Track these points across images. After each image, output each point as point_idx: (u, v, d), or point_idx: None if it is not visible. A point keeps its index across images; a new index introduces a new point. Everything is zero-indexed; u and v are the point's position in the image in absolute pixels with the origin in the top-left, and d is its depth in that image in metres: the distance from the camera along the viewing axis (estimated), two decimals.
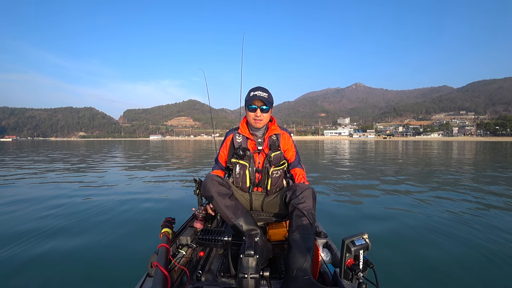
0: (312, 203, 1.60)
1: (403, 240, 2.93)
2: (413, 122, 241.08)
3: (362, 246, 1.24)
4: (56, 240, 2.93)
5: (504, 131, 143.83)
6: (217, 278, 1.51)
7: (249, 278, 1.22)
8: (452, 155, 16.50)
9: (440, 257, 2.53)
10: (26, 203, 4.55)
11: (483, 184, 6.35)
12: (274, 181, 1.91)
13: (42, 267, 2.37)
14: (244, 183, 1.91)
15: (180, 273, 1.46)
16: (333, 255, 1.68)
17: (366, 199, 4.90)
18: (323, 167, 10.14)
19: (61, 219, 3.68)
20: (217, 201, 1.63)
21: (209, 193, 1.64)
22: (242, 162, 1.89)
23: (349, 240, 1.24)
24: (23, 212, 3.99)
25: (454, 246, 2.76)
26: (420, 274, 2.25)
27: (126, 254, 2.65)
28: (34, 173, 8.36)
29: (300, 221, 1.52)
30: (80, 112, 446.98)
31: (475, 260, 2.47)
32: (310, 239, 1.46)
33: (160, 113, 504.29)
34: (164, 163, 11.78)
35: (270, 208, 1.92)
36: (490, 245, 2.76)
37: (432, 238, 2.99)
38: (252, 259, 1.26)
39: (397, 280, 2.16)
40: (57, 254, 2.61)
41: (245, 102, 1.87)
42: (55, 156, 16.37)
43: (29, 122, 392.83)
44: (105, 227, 3.37)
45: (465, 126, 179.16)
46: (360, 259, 1.23)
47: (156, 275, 1.25)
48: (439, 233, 3.11)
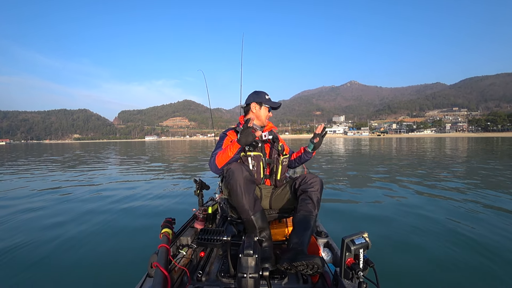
0: (319, 190, 1.71)
1: (403, 239, 2.92)
2: (407, 119, 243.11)
3: (362, 245, 1.23)
4: (55, 241, 2.96)
5: (495, 127, 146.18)
6: (218, 279, 1.50)
7: (248, 277, 1.21)
8: (444, 152, 16.91)
9: (442, 255, 2.51)
10: (22, 204, 4.68)
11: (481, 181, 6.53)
12: (283, 169, 2.02)
13: (42, 269, 2.37)
14: (258, 174, 1.93)
15: (181, 273, 1.45)
16: (334, 254, 1.67)
17: (366, 197, 4.86)
18: (319, 166, 10.25)
19: (60, 220, 3.74)
20: (242, 191, 1.58)
21: (237, 181, 1.58)
22: (256, 153, 1.94)
23: (349, 239, 1.24)
24: (21, 215, 4.08)
25: (456, 245, 2.72)
26: (421, 273, 2.23)
27: (126, 254, 2.64)
28: (32, 174, 8.46)
29: (305, 204, 1.65)
30: (74, 114, 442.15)
31: (477, 258, 2.45)
32: (311, 219, 1.60)
33: (155, 114, 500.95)
34: (163, 164, 11.86)
35: (278, 202, 1.92)
36: (491, 244, 2.73)
37: (433, 236, 2.98)
38: (251, 258, 1.25)
39: (398, 279, 2.14)
40: (57, 255, 2.62)
41: (259, 101, 2.04)
42: (51, 158, 16.44)
43: (23, 125, 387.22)
44: (105, 228, 3.41)
45: (458, 122, 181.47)
46: (360, 258, 1.22)
47: (156, 275, 1.24)
48: (441, 231, 3.13)
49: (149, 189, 5.91)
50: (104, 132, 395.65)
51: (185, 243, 1.75)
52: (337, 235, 1.82)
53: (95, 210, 4.22)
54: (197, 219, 2.08)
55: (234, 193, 1.60)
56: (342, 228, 3.33)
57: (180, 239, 1.77)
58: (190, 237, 1.80)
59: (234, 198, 1.62)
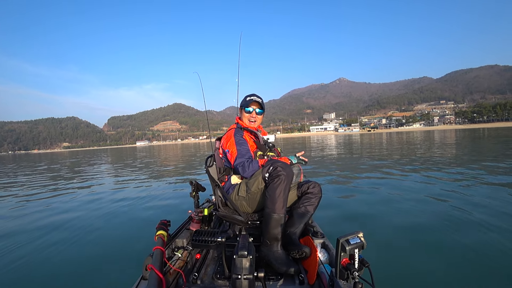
0: (320, 196, 1.89)
1: (399, 238, 2.90)
2: (396, 114, 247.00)
3: (357, 245, 1.23)
4: (50, 244, 2.98)
5: (481, 118, 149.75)
6: (213, 281, 1.49)
7: (242, 279, 1.20)
8: (434, 145, 17.19)
9: (437, 255, 2.49)
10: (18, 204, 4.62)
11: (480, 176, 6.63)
12: None
13: (37, 272, 2.38)
14: None
15: (176, 276, 1.44)
16: (330, 255, 1.68)
17: (361, 197, 4.79)
18: (312, 164, 10.30)
19: (56, 223, 3.76)
20: (286, 187, 1.65)
21: (287, 177, 1.64)
22: (271, 153, 2.04)
23: (344, 239, 1.24)
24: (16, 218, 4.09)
25: (451, 244, 2.70)
26: (416, 273, 2.21)
27: (121, 257, 2.63)
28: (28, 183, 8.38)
29: (307, 203, 1.83)
30: (63, 122, 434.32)
31: (474, 257, 2.41)
32: (307, 216, 1.81)
33: (146, 119, 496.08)
34: (158, 167, 11.76)
35: None
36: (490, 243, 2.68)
37: (429, 235, 2.96)
38: (245, 259, 1.24)
39: (393, 279, 2.14)
40: (52, 259, 2.63)
41: (241, 105, 2.13)
42: (44, 167, 16.13)
43: (9, 135, 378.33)
44: (99, 230, 3.42)
45: (445, 115, 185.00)
46: (356, 258, 1.23)
47: (151, 278, 1.23)
48: (437, 230, 3.09)
49: (145, 191, 5.90)
50: (94, 139, 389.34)
51: (180, 245, 1.73)
52: (333, 235, 1.77)
53: (89, 213, 4.23)
54: (193, 221, 2.06)
55: (280, 186, 1.63)
56: (340, 228, 3.26)
57: (176, 241, 1.75)
58: (186, 239, 1.78)
59: (275, 191, 1.63)
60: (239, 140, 1.98)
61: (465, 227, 3.08)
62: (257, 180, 1.78)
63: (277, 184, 1.62)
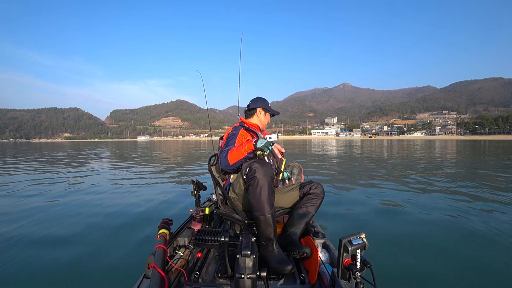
0: (322, 197, 1.90)
1: (401, 239, 2.94)
2: (398, 122, 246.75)
3: (359, 245, 1.24)
4: (51, 243, 2.95)
5: (483, 130, 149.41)
6: (215, 279, 1.50)
7: (245, 278, 1.21)
8: (433, 155, 17.24)
9: (439, 255, 2.52)
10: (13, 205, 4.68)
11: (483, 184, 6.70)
12: (279, 172, 2.21)
13: (38, 271, 2.37)
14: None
15: (178, 274, 1.45)
16: (331, 255, 1.69)
17: (362, 198, 4.88)
18: (313, 167, 10.34)
19: (56, 221, 3.71)
20: (266, 187, 1.61)
21: (265, 176, 1.61)
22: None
23: (346, 239, 1.24)
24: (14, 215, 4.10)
25: (453, 244, 2.74)
26: (418, 274, 2.23)
27: (123, 255, 2.63)
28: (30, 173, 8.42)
29: (308, 204, 1.84)
30: (65, 112, 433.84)
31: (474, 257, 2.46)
32: (307, 217, 1.82)
33: (148, 114, 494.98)
34: (160, 164, 11.82)
35: (283, 201, 1.96)
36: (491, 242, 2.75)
37: (431, 236, 3.00)
38: (248, 259, 1.25)
39: (395, 280, 2.15)
40: (53, 257, 2.61)
41: (265, 107, 2.25)
42: (44, 158, 16.23)
43: (11, 123, 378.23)
44: (101, 229, 3.41)
45: (447, 125, 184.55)
46: (358, 258, 1.23)
47: (153, 276, 1.24)
48: (438, 231, 3.15)
49: (146, 190, 5.90)
50: (95, 131, 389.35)
51: (182, 244, 1.74)
52: (334, 236, 1.83)
53: (90, 211, 4.19)
54: (194, 219, 2.07)
55: (259, 188, 1.59)
56: (340, 229, 3.33)
57: (177, 240, 1.77)
58: (187, 237, 1.80)
59: (257, 193, 1.60)
60: (231, 134, 2.02)
61: (469, 232, 3.11)
62: (239, 182, 1.78)
63: (255, 186, 1.60)
